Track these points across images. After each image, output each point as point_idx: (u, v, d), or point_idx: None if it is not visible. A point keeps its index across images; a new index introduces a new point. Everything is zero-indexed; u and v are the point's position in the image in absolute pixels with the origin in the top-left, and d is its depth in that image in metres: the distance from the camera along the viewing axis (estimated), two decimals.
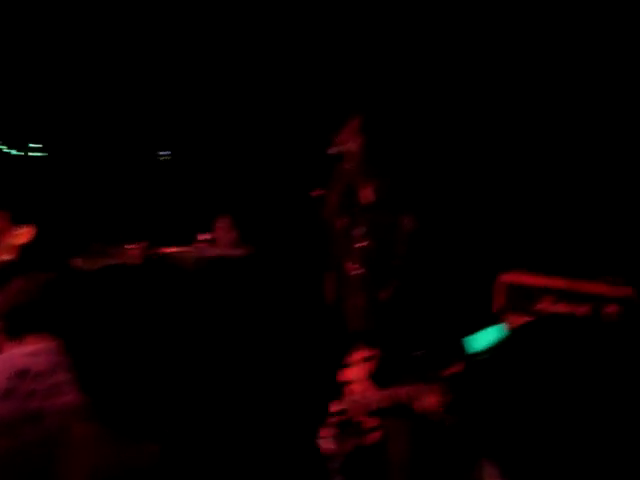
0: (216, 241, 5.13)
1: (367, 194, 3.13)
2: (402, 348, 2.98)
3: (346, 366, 3.15)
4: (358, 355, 3.10)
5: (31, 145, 9.61)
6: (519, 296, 4.88)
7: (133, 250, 5.08)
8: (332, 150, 3.09)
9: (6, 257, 5.06)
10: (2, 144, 9.41)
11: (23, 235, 5.14)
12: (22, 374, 2.25)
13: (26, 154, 9.58)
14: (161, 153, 9.31)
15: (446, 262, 3.04)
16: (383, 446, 3.08)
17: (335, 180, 3.13)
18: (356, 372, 3.10)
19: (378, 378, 3.03)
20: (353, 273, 3.12)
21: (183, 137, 8.31)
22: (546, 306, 4.79)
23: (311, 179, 3.13)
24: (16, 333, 2.45)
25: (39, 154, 9.72)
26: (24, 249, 5.54)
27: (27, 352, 2.38)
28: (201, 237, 4.43)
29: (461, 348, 2.82)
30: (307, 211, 3.21)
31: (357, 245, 3.10)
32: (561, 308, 4.75)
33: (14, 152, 9.58)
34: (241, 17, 6.40)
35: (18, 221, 7.76)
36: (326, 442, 3.19)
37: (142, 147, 8.69)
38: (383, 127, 3.05)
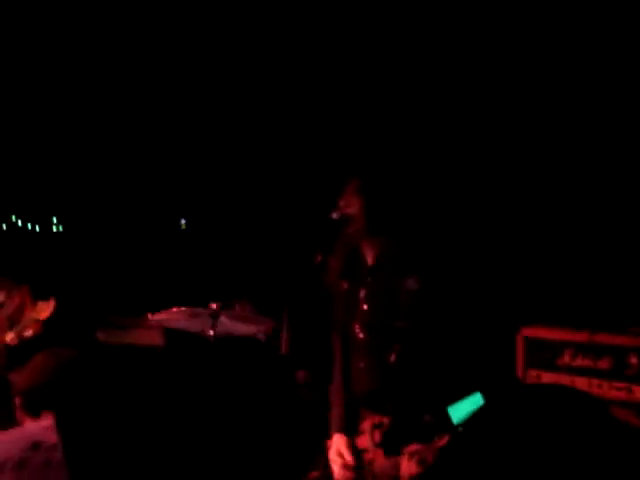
0: (232, 311, 5.09)
1: (370, 256, 3.11)
2: (410, 413, 2.92)
3: (360, 433, 3.09)
4: (368, 423, 3.04)
5: (52, 219, 9.75)
6: (540, 350, 4.81)
7: (152, 329, 5.05)
8: (335, 215, 3.07)
9: (28, 332, 5.08)
10: (21, 218, 9.54)
11: (45, 309, 5.16)
12: (35, 446, 2.30)
13: (45, 228, 9.71)
14: (181, 222, 9.39)
15: (456, 321, 2.98)
16: None
17: (338, 244, 3.11)
18: (367, 440, 3.04)
19: (387, 445, 2.97)
20: (358, 337, 3.08)
21: (196, 206, 8.38)
22: (567, 360, 4.72)
23: (314, 245, 3.11)
24: (34, 409, 2.52)
25: (57, 227, 9.85)
26: (46, 323, 5.56)
27: (41, 426, 2.43)
28: (214, 305, 4.39)
29: (448, 418, 2.76)
30: (311, 277, 3.18)
31: (361, 308, 3.06)
32: (581, 362, 4.67)
33: (32, 227, 9.72)
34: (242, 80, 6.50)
35: (39, 295, 7.82)
36: None
37: (160, 216, 8.78)
38: (383, 187, 3.04)
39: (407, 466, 2.84)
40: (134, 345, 5.11)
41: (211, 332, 4.25)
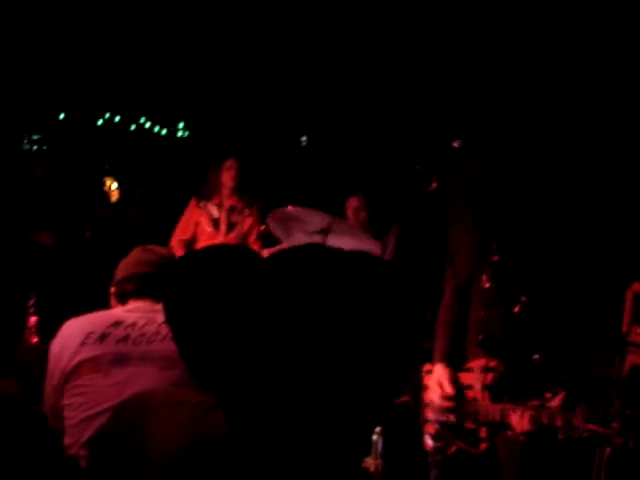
0: (346, 221, 5.11)
1: (497, 201, 2.98)
2: (527, 365, 2.90)
3: (465, 371, 3.10)
4: (478, 363, 3.04)
5: (178, 125, 10.01)
6: None
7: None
8: (456, 143, 3.03)
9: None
10: (150, 121, 9.83)
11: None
12: (117, 323, 2.52)
13: (171, 132, 9.99)
14: (302, 139, 9.48)
15: (578, 274, 2.94)
16: (489, 459, 3.01)
17: (460, 180, 3.01)
18: (473, 379, 3.05)
19: (494, 390, 2.97)
20: (484, 285, 3.03)
21: (319, 123, 8.42)
22: None
23: (431, 170, 3.08)
24: (123, 297, 2.72)
25: (183, 133, 10.11)
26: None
27: (126, 309, 2.67)
28: (325, 219, 4.42)
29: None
30: (424, 203, 3.17)
31: (491, 259, 2.99)
32: None
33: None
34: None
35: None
36: (428, 439, 3.16)
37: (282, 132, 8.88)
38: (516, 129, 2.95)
39: (519, 421, 2.81)
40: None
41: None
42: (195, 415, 1.48)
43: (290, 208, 4.54)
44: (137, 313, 2.58)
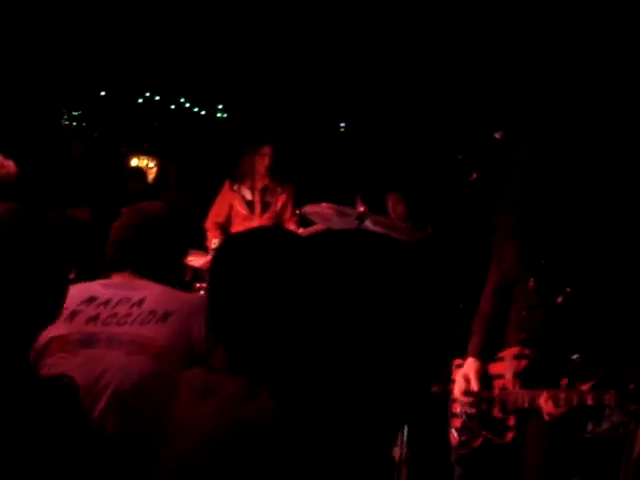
0: (379, 217, 5.10)
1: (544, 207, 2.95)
2: (561, 352, 2.89)
3: (497, 360, 3.09)
4: (512, 351, 3.03)
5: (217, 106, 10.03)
6: None
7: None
8: (497, 135, 3.01)
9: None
10: (189, 102, 9.86)
11: None
12: (91, 300, 2.43)
13: (210, 113, 10.01)
14: (340, 125, 9.47)
15: (621, 273, 2.92)
16: (516, 448, 2.99)
17: (509, 169, 2.98)
18: (505, 367, 3.04)
19: (525, 378, 2.95)
20: (529, 286, 3.01)
21: (359, 110, 8.39)
22: None
23: (472, 161, 3.06)
24: (108, 268, 2.58)
25: (222, 115, 10.14)
26: None
27: (104, 282, 2.54)
28: (359, 206, 4.39)
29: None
30: (464, 195, 3.15)
31: (539, 262, 2.96)
32: None
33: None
34: None
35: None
36: (454, 433, 3.15)
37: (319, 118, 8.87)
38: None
39: (548, 403, 2.80)
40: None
41: None
42: (229, 404, 1.45)
43: (324, 205, 4.55)
44: (113, 289, 2.47)
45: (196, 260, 4.80)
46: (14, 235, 1.70)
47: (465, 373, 3.09)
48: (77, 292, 2.38)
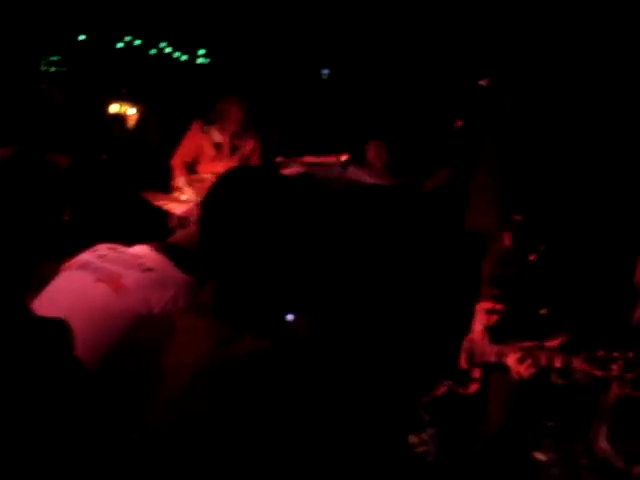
0: (365, 165, 5.09)
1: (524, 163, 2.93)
2: (530, 308, 2.89)
3: None
4: (484, 305, 3.03)
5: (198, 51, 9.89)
6: None
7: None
8: (483, 82, 2.97)
9: None
10: (171, 46, 9.71)
11: None
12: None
13: (191, 59, 9.87)
14: (322, 71, 9.37)
15: (595, 231, 2.91)
16: (480, 399, 3.01)
17: (492, 122, 2.95)
18: (475, 321, 3.04)
19: (495, 332, 2.96)
20: (504, 243, 2.99)
21: (342, 57, 8.30)
22: None
23: (456, 108, 3.03)
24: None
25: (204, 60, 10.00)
26: None
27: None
28: (342, 156, 4.37)
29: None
30: (448, 140, 3.12)
31: (513, 218, 2.94)
32: None
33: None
34: None
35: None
36: None
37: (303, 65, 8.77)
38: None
39: (516, 362, 2.80)
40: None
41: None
42: (225, 341, 1.43)
43: (307, 158, 4.56)
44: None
45: (177, 207, 4.79)
46: (12, 176, 1.79)
47: None
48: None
